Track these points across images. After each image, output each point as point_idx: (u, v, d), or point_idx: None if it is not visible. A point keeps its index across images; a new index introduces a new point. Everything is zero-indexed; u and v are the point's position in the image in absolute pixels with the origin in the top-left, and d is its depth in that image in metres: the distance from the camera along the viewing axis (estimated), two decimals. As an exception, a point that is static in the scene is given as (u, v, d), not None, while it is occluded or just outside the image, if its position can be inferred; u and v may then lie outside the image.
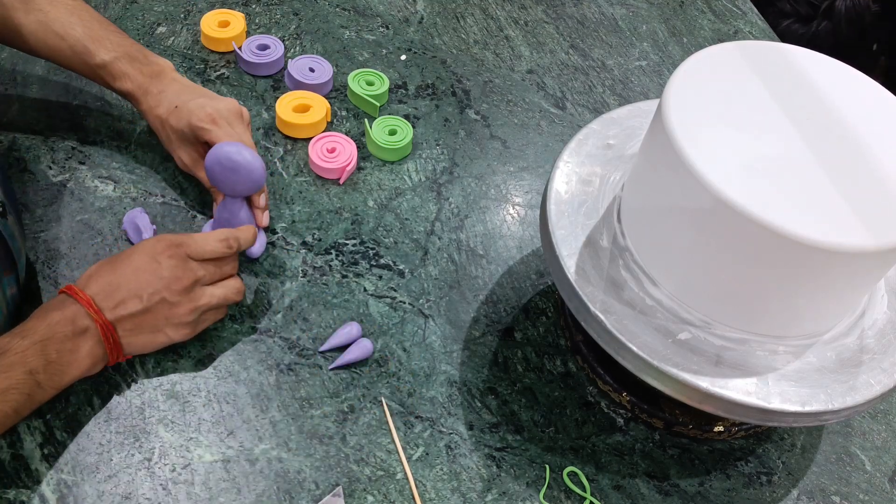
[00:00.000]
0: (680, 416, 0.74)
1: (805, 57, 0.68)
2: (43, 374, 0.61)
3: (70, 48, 0.78)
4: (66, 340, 0.63)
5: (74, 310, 0.64)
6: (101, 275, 0.67)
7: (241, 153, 0.73)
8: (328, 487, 0.67)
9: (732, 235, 0.58)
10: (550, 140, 0.99)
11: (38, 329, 0.62)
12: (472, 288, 0.83)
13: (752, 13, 1.27)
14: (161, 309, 0.67)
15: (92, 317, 0.64)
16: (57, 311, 0.64)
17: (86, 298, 0.65)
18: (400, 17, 1.11)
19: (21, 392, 0.60)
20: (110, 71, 0.79)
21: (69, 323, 0.63)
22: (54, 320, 0.63)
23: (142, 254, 0.68)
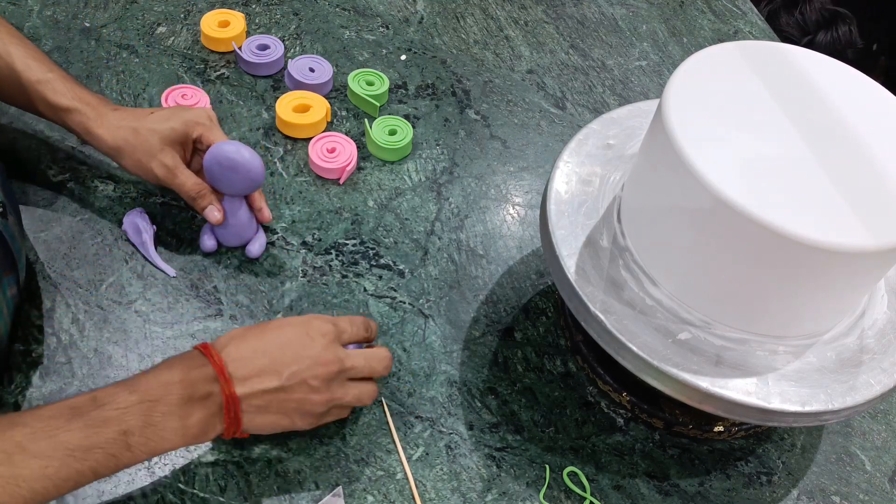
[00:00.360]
0: (680, 416, 0.74)
1: (805, 57, 0.68)
2: (138, 437, 0.54)
3: (8, 66, 0.73)
4: (178, 406, 0.56)
5: (201, 373, 0.58)
6: (245, 339, 0.61)
7: (240, 152, 0.73)
8: (328, 487, 0.67)
9: (732, 235, 0.58)
10: (550, 140, 0.99)
11: (151, 387, 0.56)
12: (472, 288, 0.83)
13: (752, 13, 1.27)
14: (298, 391, 0.61)
15: (220, 384, 0.58)
16: (179, 371, 0.57)
17: (219, 362, 0.58)
18: (400, 17, 1.11)
19: (107, 453, 0.53)
20: (52, 87, 0.73)
21: (189, 386, 0.57)
22: (174, 380, 0.56)
23: (296, 327, 0.62)
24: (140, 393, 0.55)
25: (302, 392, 0.61)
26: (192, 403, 0.57)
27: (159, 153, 0.74)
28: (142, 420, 0.55)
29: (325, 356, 0.62)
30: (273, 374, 0.60)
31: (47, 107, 0.74)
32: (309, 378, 0.61)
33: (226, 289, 0.78)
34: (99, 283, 0.76)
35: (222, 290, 0.78)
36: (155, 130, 0.74)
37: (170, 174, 0.75)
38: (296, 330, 0.62)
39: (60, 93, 0.74)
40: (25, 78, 0.73)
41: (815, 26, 1.59)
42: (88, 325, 0.73)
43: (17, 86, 0.74)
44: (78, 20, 0.99)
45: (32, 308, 0.73)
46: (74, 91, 0.75)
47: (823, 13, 1.59)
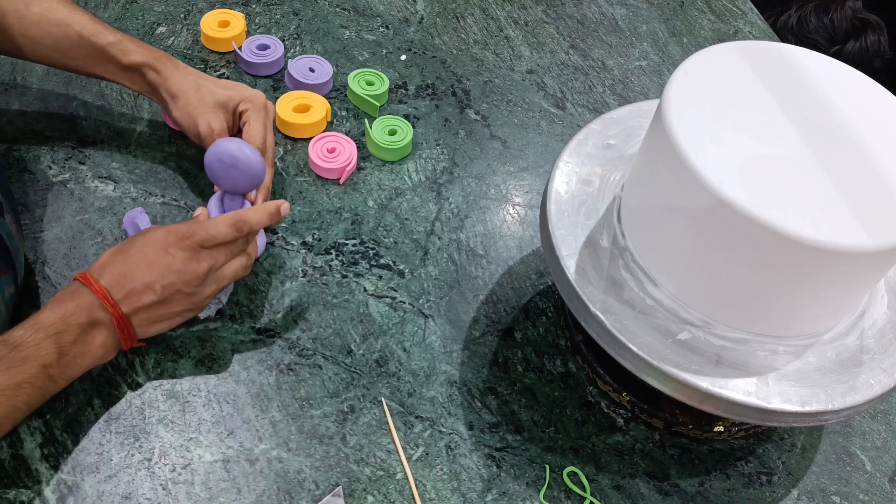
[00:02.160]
0: (680, 416, 0.74)
1: (805, 57, 0.68)
2: (56, 368, 0.61)
3: (77, 33, 0.77)
4: (81, 332, 0.63)
5: (89, 301, 0.63)
6: (114, 264, 0.66)
7: (242, 149, 0.73)
8: (328, 487, 0.67)
9: (732, 235, 0.58)
10: (550, 140, 0.99)
11: (52, 321, 0.62)
12: (472, 288, 0.83)
13: (752, 13, 1.27)
14: (177, 300, 0.67)
15: (107, 309, 0.64)
16: (71, 302, 0.63)
17: (101, 290, 0.64)
18: (400, 17, 1.11)
19: (34, 386, 0.60)
20: (122, 47, 0.78)
21: (84, 314, 0.63)
22: (69, 311, 0.62)
23: (153, 245, 0.66)
24: (44, 329, 0.61)
25: (180, 299, 0.67)
26: (91, 328, 0.63)
27: (210, 112, 0.79)
28: (56, 352, 0.61)
29: (188, 266, 0.66)
30: (148, 290, 0.65)
31: (119, 68, 0.79)
32: (181, 287, 0.66)
33: (226, 289, 0.78)
34: (99, 283, 0.76)
35: (222, 290, 0.78)
36: (214, 92, 0.80)
37: (211, 134, 0.79)
38: (154, 248, 0.66)
39: (131, 51, 0.79)
40: (95, 43, 0.78)
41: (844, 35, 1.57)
42: (88, 325, 0.73)
43: (86, 51, 0.79)
44: (78, 20, 0.99)
45: (32, 308, 0.73)
46: (142, 48, 0.80)
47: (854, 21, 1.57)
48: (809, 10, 1.60)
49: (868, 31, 1.55)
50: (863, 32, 1.56)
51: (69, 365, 0.62)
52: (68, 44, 0.78)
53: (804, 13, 1.59)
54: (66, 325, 0.62)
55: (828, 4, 1.59)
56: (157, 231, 0.68)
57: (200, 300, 0.69)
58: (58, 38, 0.78)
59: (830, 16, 1.58)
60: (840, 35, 1.57)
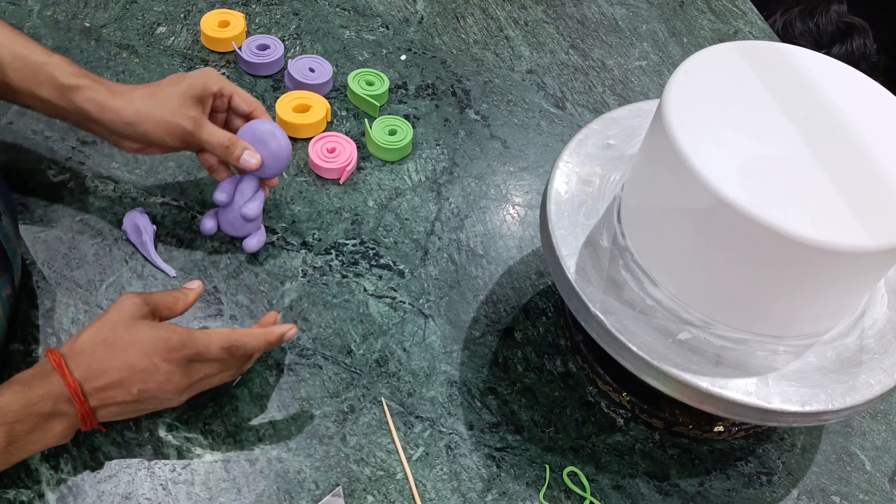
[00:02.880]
0: (680, 416, 0.74)
1: (805, 57, 0.68)
2: (1, 455, 0.58)
3: (11, 52, 0.71)
4: (41, 421, 0.59)
5: (58, 391, 0.60)
6: (94, 354, 0.61)
7: (275, 133, 0.76)
8: (328, 487, 0.67)
9: (732, 235, 0.58)
10: (550, 140, 0.99)
11: (13, 409, 0.58)
12: (472, 288, 0.83)
13: (752, 13, 1.27)
14: (149, 402, 0.64)
15: (76, 404, 0.60)
16: (39, 389, 0.59)
17: (73, 385, 0.60)
18: (400, 17, 1.11)
19: None
20: (58, 66, 0.71)
21: (49, 404, 0.59)
22: (32, 401, 0.58)
23: (138, 347, 0.62)
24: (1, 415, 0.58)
25: (153, 402, 0.64)
26: (52, 418, 0.60)
27: (182, 107, 0.73)
28: (5, 440, 0.58)
29: (171, 380, 0.63)
30: (124, 390, 0.62)
31: (55, 87, 0.71)
32: (159, 394, 0.63)
33: (226, 289, 0.78)
34: (99, 283, 0.76)
35: (222, 290, 0.78)
36: (173, 90, 0.73)
37: (197, 126, 0.73)
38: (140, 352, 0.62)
39: (69, 72, 0.72)
40: (31, 61, 0.71)
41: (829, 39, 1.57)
42: (88, 325, 0.73)
43: (21, 71, 0.71)
44: (78, 20, 0.99)
45: (32, 308, 0.73)
46: (81, 70, 0.73)
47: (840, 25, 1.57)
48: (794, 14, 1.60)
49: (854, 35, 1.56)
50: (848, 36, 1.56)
51: (16, 452, 0.59)
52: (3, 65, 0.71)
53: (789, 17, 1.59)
54: (26, 415, 0.58)
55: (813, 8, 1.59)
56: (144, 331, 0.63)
57: (174, 404, 0.66)
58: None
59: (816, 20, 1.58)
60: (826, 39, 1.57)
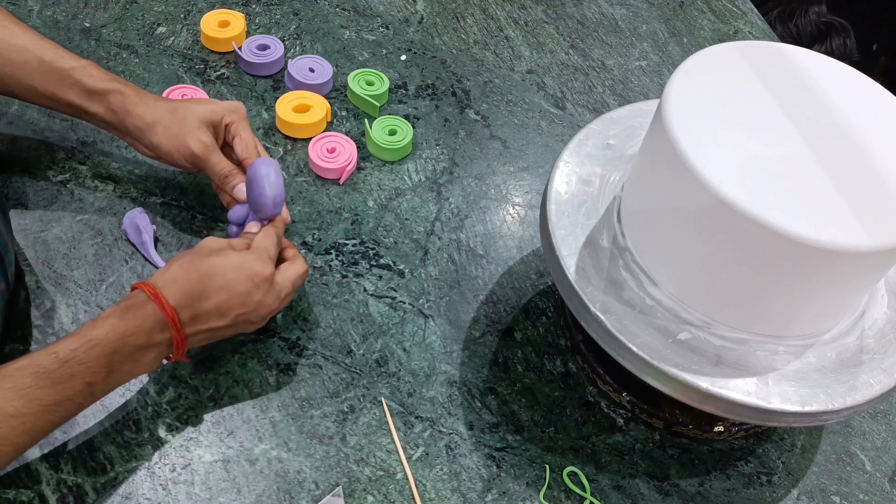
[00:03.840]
0: (680, 416, 0.74)
1: (805, 57, 0.68)
2: (101, 385, 0.60)
3: (38, 58, 0.74)
4: (135, 351, 0.61)
5: (154, 321, 0.61)
6: (189, 282, 0.63)
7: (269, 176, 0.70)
8: (328, 487, 0.67)
9: (732, 235, 0.58)
10: (550, 140, 0.99)
11: (111, 339, 0.59)
12: (472, 288, 0.83)
13: (752, 13, 1.27)
14: (239, 325, 0.67)
15: (172, 332, 0.62)
16: (134, 320, 0.61)
17: (171, 312, 0.62)
18: (400, 17, 1.11)
19: (74, 402, 0.58)
20: (87, 71, 0.74)
21: (144, 335, 0.61)
22: (129, 331, 0.60)
23: (238, 272, 0.65)
24: (100, 346, 0.59)
25: (243, 325, 0.67)
26: (146, 349, 0.62)
27: (196, 130, 0.75)
28: (105, 371, 0.59)
29: (266, 301, 0.67)
30: (220, 316, 0.65)
31: (82, 92, 0.75)
32: (251, 317, 0.67)
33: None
34: (99, 283, 0.76)
35: (222, 290, 0.78)
36: (192, 110, 0.76)
37: (206, 150, 0.75)
38: (241, 277, 0.65)
39: (96, 76, 0.75)
40: (58, 67, 0.74)
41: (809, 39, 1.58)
42: (88, 325, 0.73)
43: (48, 76, 0.74)
44: (78, 20, 0.99)
45: (32, 308, 0.73)
46: (109, 75, 0.76)
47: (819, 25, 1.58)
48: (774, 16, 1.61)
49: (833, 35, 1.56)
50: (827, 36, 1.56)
51: (112, 382, 0.61)
52: (29, 70, 0.74)
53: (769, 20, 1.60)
54: (123, 345, 0.60)
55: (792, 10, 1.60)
56: (236, 255, 0.66)
57: (255, 326, 0.69)
58: (18, 63, 0.74)
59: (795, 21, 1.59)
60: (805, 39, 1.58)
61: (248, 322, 0.67)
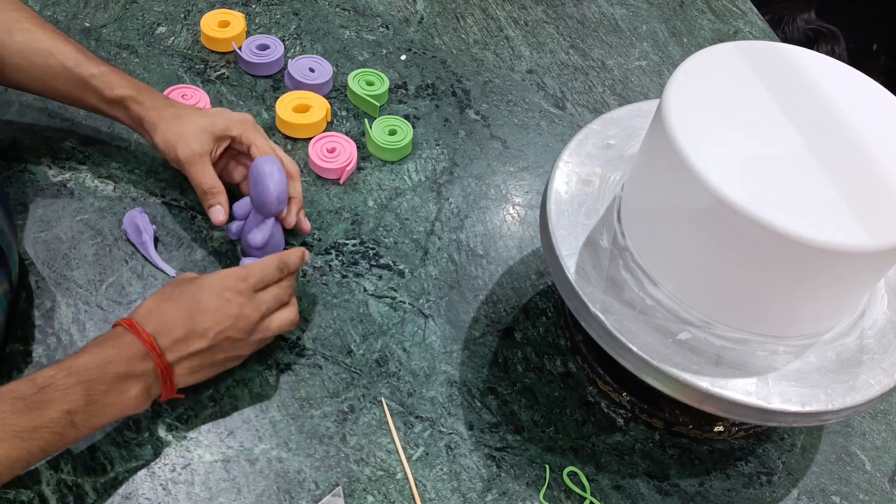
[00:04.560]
0: (680, 416, 0.74)
1: (805, 57, 0.68)
2: (81, 415, 0.58)
3: (60, 64, 0.76)
4: (117, 382, 0.60)
5: (133, 350, 0.61)
6: (163, 311, 0.64)
7: (273, 174, 0.71)
8: (328, 487, 0.67)
9: (732, 235, 0.58)
10: (550, 140, 0.99)
11: (88, 368, 0.59)
12: (472, 288, 0.83)
13: (752, 13, 1.27)
14: (224, 346, 0.66)
15: (153, 359, 0.62)
16: (112, 349, 0.60)
17: (148, 339, 0.61)
18: (400, 17, 1.11)
19: (53, 431, 0.57)
20: (106, 80, 0.77)
21: (124, 364, 0.60)
22: (107, 359, 0.60)
23: (207, 291, 0.65)
24: (77, 374, 0.58)
25: (228, 345, 0.66)
26: (128, 379, 0.61)
27: (190, 137, 0.76)
28: (84, 399, 0.58)
29: (243, 312, 0.66)
30: (199, 337, 0.64)
31: (101, 99, 0.77)
32: (233, 333, 0.65)
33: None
34: (99, 283, 0.76)
35: (222, 290, 0.78)
36: (196, 119, 0.77)
37: (191, 159, 0.76)
38: (210, 295, 0.65)
39: (115, 84, 0.77)
40: (79, 74, 0.76)
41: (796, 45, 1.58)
42: (88, 325, 0.73)
43: (70, 82, 0.77)
44: (78, 20, 0.99)
45: (32, 308, 0.73)
46: (127, 80, 0.78)
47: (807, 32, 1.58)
48: None
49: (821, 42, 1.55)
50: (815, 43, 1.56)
51: (95, 414, 0.59)
52: (52, 74, 0.76)
53: None
54: (102, 374, 0.59)
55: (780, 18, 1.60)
56: (207, 278, 0.67)
57: (244, 348, 0.68)
58: (41, 67, 0.76)
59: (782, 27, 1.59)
60: None
61: (234, 341, 0.66)
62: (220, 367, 0.68)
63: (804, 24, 1.58)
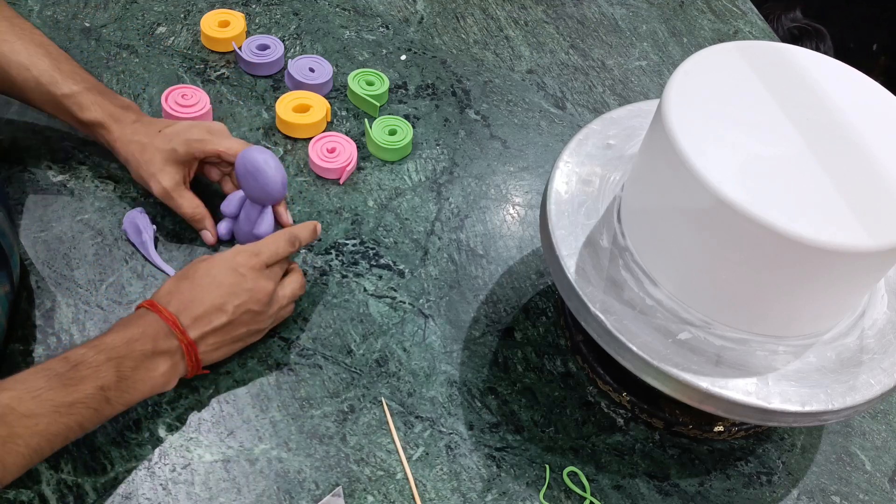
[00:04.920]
0: (680, 416, 0.74)
1: (805, 57, 0.68)
2: (114, 391, 0.60)
3: (35, 79, 0.76)
4: (144, 359, 0.62)
5: (157, 328, 0.63)
6: (180, 291, 0.66)
7: (268, 162, 0.73)
8: (328, 487, 0.67)
9: (732, 235, 0.58)
10: (550, 140, 0.99)
11: (116, 345, 0.61)
12: (472, 288, 0.83)
13: (752, 13, 1.27)
14: (244, 320, 0.68)
15: (177, 336, 0.64)
16: (137, 328, 0.63)
17: (170, 317, 0.64)
18: (400, 17, 1.11)
19: (88, 406, 0.59)
20: (77, 101, 0.76)
21: (150, 341, 0.62)
22: (134, 337, 0.62)
23: (221, 267, 0.68)
24: (107, 352, 0.60)
25: (248, 318, 0.68)
26: (155, 356, 0.63)
27: (158, 173, 0.77)
28: (115, 375, 0.60)
29: (258, 284, 0.68)
30: (219, 312, 0.66)
31: (74, 120, 0.78)
32: (252, 306, 0.68)
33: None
34: (99, 283, 0.76)
35: (222, 290, 0.78)
36: (158, 149, 0.77)
37: (166, 195, 0.77)
38: (225, 271, 0.67)
39: (85, 107, 0.77)
40: (52, 92, 0.76)
41: None
42: (88, 324, 0.73)
43: (44, 98, 0.77)
44: (78, 20, 0.99)
45: (32, 308, 0.73)
46: (99, 103, 0.77)
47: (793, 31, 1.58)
48: None
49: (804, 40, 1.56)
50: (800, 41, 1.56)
51: (127, 390, 0.61)
52: (28, 88, 0.77)
53: None
54: (130, 351, 0.61)
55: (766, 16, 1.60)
56: (220, 256, 0.69)
57: (264, 320, 0.70)
58: (16, 81, 0.76)
59: None
60: None
61: (254, 314, 0.68)
62: (242, 343, 0.70)
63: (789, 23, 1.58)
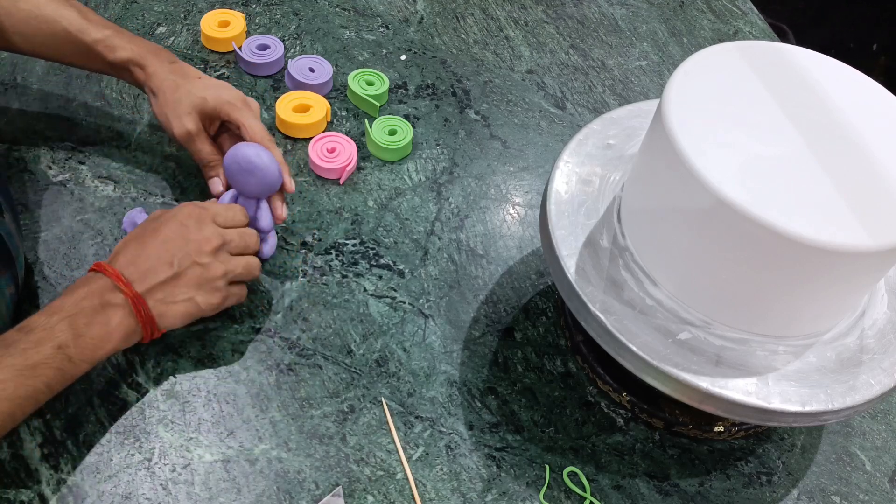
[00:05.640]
0: (680, 416, 0.74)
1: (805, 57, 0.68)
2: (73, 349, 0.61)
3: (64, 30, 0.77)
4: (95, 314, 0.63)
5: (102, 283, 0.64)
6: (128, 249, 0.67)
7: (260, 156, 0.73)
8: (328, 487, 0.67)
9: (732, 235, 0.58)
10: (550, 140, 0.99)
11: (65, 305, 0.62)
12: (472, 288, 0.83)
13: (752, 13, 1.27)
14: (192, 272, 0.67)
15: (121, 289, 0.64)
16: (84, 287, 0.64)
17: (114, 272, 0.64)
18: (400, 17, 1.11)
19: (51, 367, 0.60)
20: (108, 44, 0.78)
21: (97, 296, 0.63)
22: (81, 296, 0.63)
23: (167, 222, 0.68)
24: (59, 313, 0.61)
25: (196, 271, 0.68)
26: (105, 310, 0.63)
27: (184, 115, 0.78)
28: (70, 333, 0.61)
29: (203, 234, 0.68)
30: (164, 264, 0.66)
31: (105, 64, 0.79)
32: (196, 256, 0.67)
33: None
34: (99, 283, 0.76)
35: (222, 290, 0.78)
36: (190, 93, 0.78)
37: (188, 137, 0.78)
38: (170, 224, 0.68)
39: (118, 47, 0.78)
40: (82, 40, 0.78)
41: None
42: (88, 325, 0.73)
43: (74, 48, 0.78)
44: (78, 20, 0.99)
45: (32, 308, 0.73)
46: (133, 42, 0.79)
47: None
48: None
49: None
50: None
51: (87, 347, 0.62)
52: (57, 41, 0.78)
53: None
54: (80, 309, 0.62)
55: None
56: (168, 212, 0.70)
57: (214, 277, 0.68)
58: (46, 34, 0.78)
59: None
60: None
61: (201, 266, 0.67)
62: (193, 303, 0.68)
63: None
